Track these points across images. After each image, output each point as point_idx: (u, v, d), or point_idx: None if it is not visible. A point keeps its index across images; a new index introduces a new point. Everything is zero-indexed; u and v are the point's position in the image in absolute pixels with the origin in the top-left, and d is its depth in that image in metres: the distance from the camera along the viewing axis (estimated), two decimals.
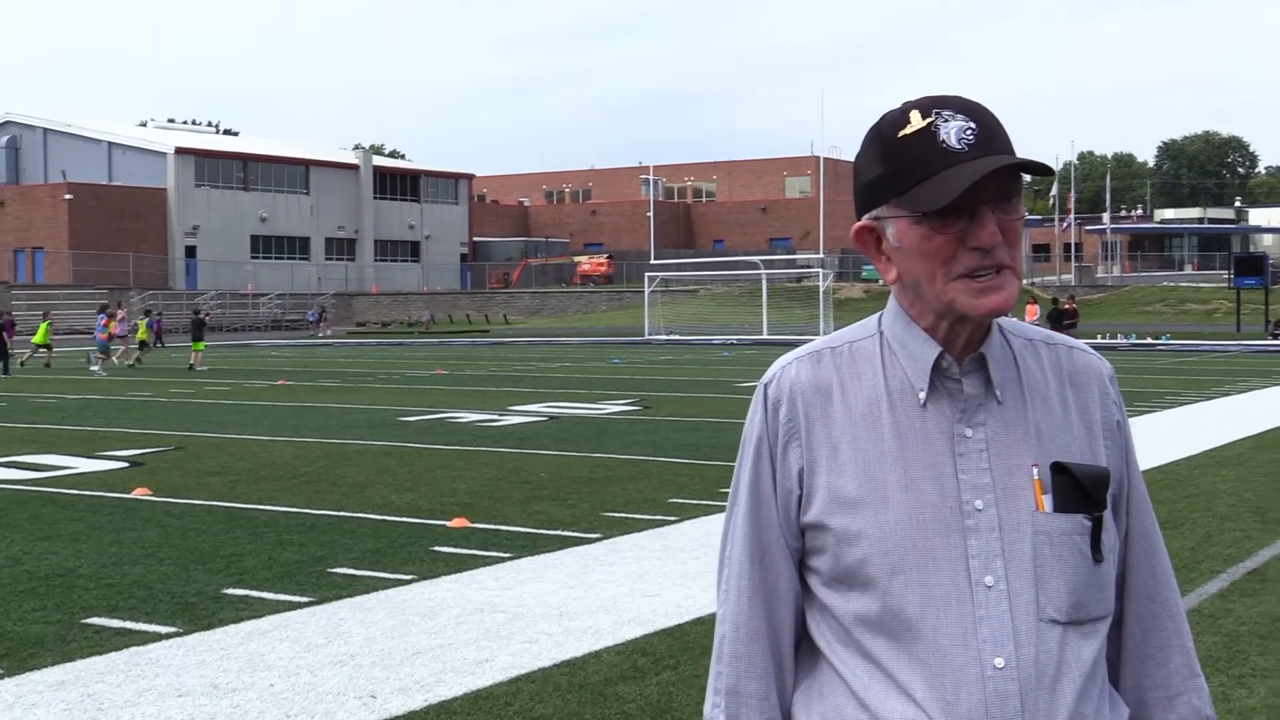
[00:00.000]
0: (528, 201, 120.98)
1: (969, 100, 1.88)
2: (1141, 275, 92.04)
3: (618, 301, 79.92)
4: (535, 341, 54.92)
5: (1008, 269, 1.84)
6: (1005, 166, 1.80)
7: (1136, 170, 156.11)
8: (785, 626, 1.97)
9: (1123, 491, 1.99)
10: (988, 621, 1.82)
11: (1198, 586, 8.42)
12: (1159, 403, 22.00)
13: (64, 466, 14.57)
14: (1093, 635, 1.88)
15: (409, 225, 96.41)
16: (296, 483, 13.13)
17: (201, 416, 21.05)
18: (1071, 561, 1.85)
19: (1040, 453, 1.89)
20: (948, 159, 1.81)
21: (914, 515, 1.85)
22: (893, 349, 1.94)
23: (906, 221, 1.86)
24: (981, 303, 1.83)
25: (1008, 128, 1.89)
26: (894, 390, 1.92)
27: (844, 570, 1.88)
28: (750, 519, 1.97)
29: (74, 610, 7.91)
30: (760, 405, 1.99)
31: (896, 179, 1.86)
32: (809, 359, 1.98)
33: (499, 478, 13.39)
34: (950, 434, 1.88)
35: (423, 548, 9.73)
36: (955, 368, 1.90)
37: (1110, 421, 1.98)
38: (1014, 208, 1.85)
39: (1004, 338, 1.96)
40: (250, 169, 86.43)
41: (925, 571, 1.84)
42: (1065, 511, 1.86)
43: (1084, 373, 1.99)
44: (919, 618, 1.83)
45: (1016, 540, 1.84)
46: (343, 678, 6.52)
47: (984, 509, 1.85)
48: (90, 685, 6.44)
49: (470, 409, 21.77)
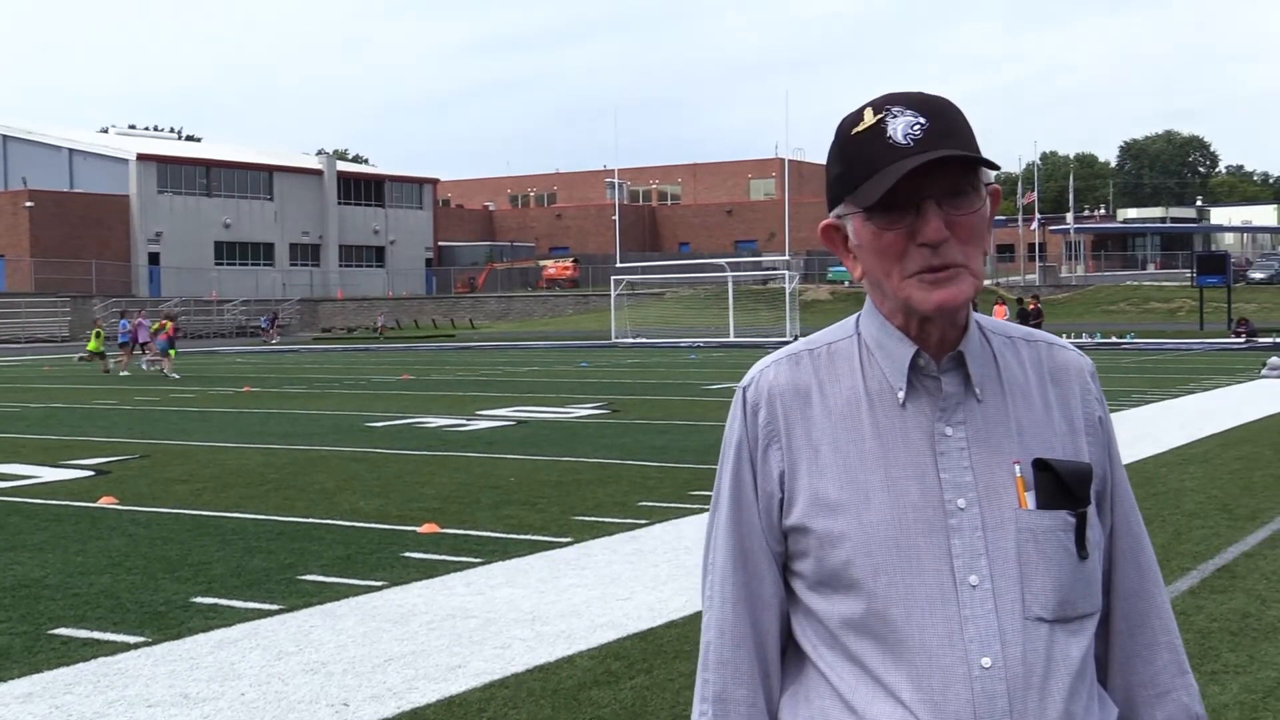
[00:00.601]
0: (493, 206, 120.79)
1: (929, 96, 1.86)
2: (1105, 275, 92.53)
3: (584, 305, 79.89)
4: (502, 346, 54.79)
5: (960, 266, 1.83)
6: (952, 162, 1.80)
7: (1099, 170, 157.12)
8: (771, 631, 1.95)
9: (1106, 488, 1.98)
10: (973, 621, 1.81)
11: (1168, 584, 8.42)
12: (1125, 401, 22.10)
13: (28, 476, 14.44)
14: (1080, 633, 1.87)
15: (374, 230, 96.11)
16: (264, 490, 13.04)
17: (166, 424, 20.90)
18: (1056, 559, 1.84)
19: (1022, 450, 1.88)
20: (891, 154, 1.80)
21: (896, 516, 1.84)
22: (870, 349, 1.93)
23: (860, 218, 1.86)
24: (932, 297, 1.82)
25: (979, 129, 1.88)
26: (873, 390, 1.91)
27: (828, 573, 1.87)
28: (732, 524, 1.96)
29: (40, 621, 7.83)
30: (739, 409, 1.97)
31: (849, 176, 1.86)
32: (787, 361, 1.97)
33: (468, 482, 13.34)
34: (930, 433, 1.87)
35: (393, 554, 9.68)
36: (933, 366, 1.89)
37: (1092, 417, 1.97)
38: (966, 203, 1.83)
39: (983, 335, 1.95)
40: (213, 175, 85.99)
41: (909, 572, 1.82)
42: (1048, 508, 1.85)
43: (1065, 369, 1.98)
44: (904, 619, 1.82)
45: (1000, 538, 1.83)
46: (314, 686, 6.47)
47: (966, 508, 1.84)
48: (58, 697, 6.37)
49: (438, 414, 21.69)
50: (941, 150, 1.79)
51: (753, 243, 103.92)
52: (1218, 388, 25.46)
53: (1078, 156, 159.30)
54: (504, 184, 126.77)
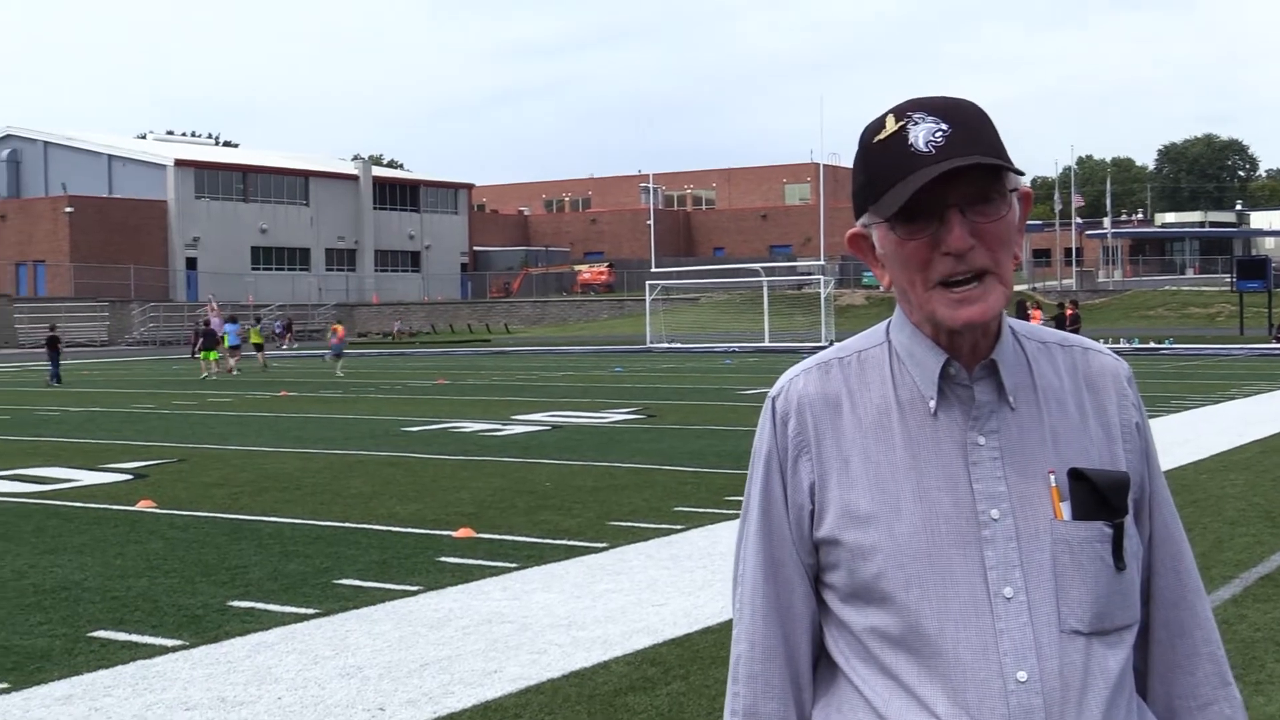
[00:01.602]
0: (527, 210, 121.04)
1: (952, 100, 1.83)
2: (1143, 280, 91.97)
3: (619, 310, 79.92)
4: (537, 350, 54.86)
5: (990, 274, 1.80)
6: (978, 168, 1.77)
7: (1136, 174, 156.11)
8: (802, 644, 1.93)
9: (1144, 496, 1.95)
10: (1008, 634, 1.78)
11: (1210, 592, 8.34)
12: (1164, 407, 21.95)
13: (68, 479, 14.54)
14: (1118, 645, 1.84)
15: (409, 235, 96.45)
16: (301, 494, 13.09)
17: (204, 428, 21.03)
18: (1093, 570, 1.81)
19: (1057, 458, 1.85)
20: (913, 163, 1.77)
21: (928, 527, 1.82)
22: (900, 357, 1.91)
23: (884, 228, 1.84)
24: (960, 314, 1.80)
25: (1005, 134, 1.84)
26: (904, 400, 1.88)
27: (859, 585, 1.85)
28: (762, 535, 1.94)
29: (80, 623, 7.88)
30: (769, 419, 1.95)
31: (872, 185, 1.83)
32: (817, 370, 1.95)
33: (504, 487, 13.35)
34: (963, 442, 1.84)
35: (429, 559, 9.70)
36: (964, 374, 1.86)
37: (1129, 424, 1.93)
38: (992, 209, 1.80)
39: (1017, 341, 1.92)
40: (250, 180, 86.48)
41: (942, 584, 1.80)
42: (1085, 519, 1.82)
43: (1101, 375, 1.94)
44: (938, 632, 1.79)
45: (1035, 550, 1.80)
46: (350, 690, 6.48)
47: (1000, 518, 1.81)
48: (97, 699, 6.41)
49: (473, 419, 21.73)
50: (963, 158, 1.76)
51: (788, 247, 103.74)
52: (1259, 393, 25.24)
53: (1115, 160, 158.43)
54: (539, 189, 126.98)
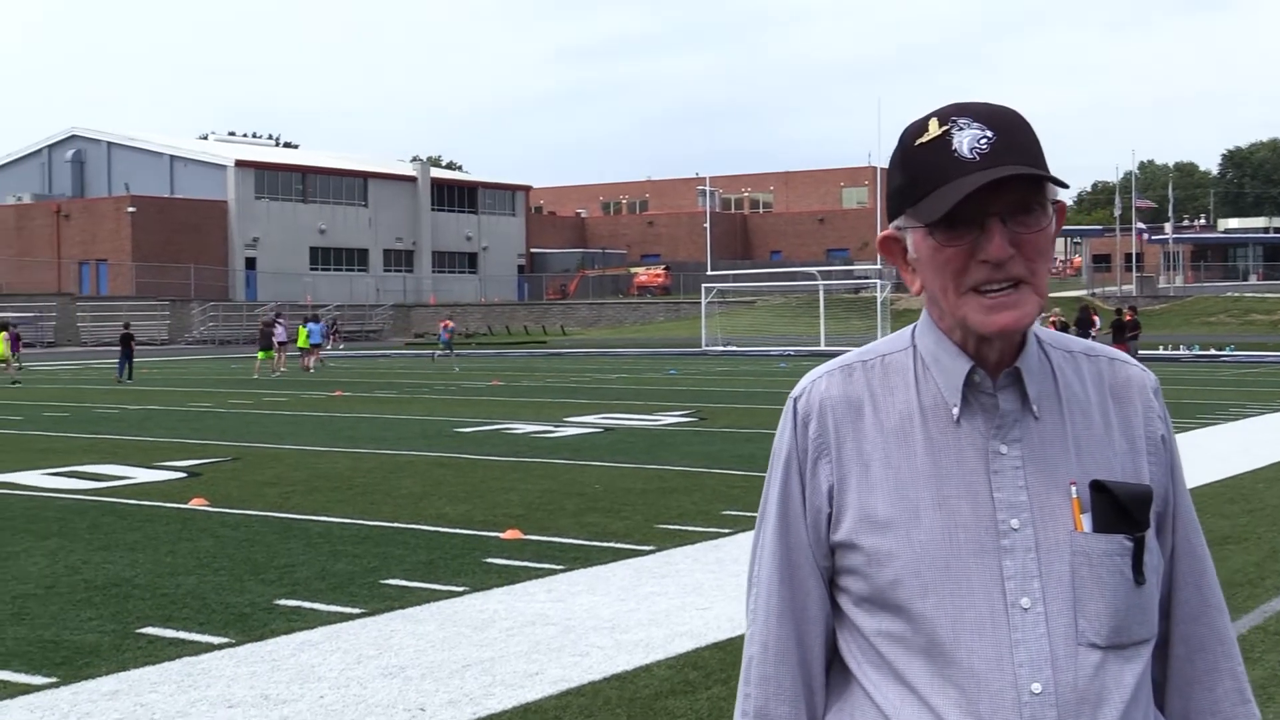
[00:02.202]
0: (585, 213, 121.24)
1: (995, 107, 1.81)
2: (1205, 285, 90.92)
3: (675, 312, 79.88)
4: (592, 352, 54.95)
5: (1025, 284, 1.78)
6: (1019, 178, 1.74)
7: (1199, 179, 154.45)
8: (815, 647, 1.92)
9: (1168, 509, 1.92)
10: (1024, 645, 1.76)
11: (1263, 603, 8.27)
12: (1223, 415, 21.70)
13: (123, 477, 14.70)
14: (1135, 659, 1.82)
15: (466, 237, 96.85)
16: (351, 494, 13.17)
17: (259, 427, 21.20)
18: (1112, 583, 1.79)
19: (1079, 470, 1.82)
20: (957, 169, 1.75)
21: (947, 535, 1.80)
22: (925, 363, 1.89)
23: (921, 233, 1.81)
24: (993, 320, 1.77)
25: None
26: (927, 405, 1.86)
27: (875, 591, 1.83)
28: (779, 537, 1.92)
29: (129, 620, 7.96)
30: (790, 420, 1.94)
31: (912, 188, 1.81)
32: (840, 372, 1.93)
33: (553, 489, 13.37)
34: (985, 451, 1.82)
35: (475, 559, 9.73)
36: (989, 382, 1.84)
37: (1154, 436, 1.90)
38: (1033, 220, 1.78)
39: (1042, 350, 1.90)
40: (309, 181, 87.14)
41: (958, 593, 1.78)
42: (1105, 531, 1.80)
43: (1126, 385, 1.92)
44: (952, 640, 1.78)
45: (1054, 561, 1.78)
46: (392, 690, 6.51)
47: (1020, 528, 1.79)
48: (143, 695, 6.47)
49: (526, 420, 21.79)
50: (1009, 167, 1.74)
51: (845, 251, 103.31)
52: None
53: (1178, 165, 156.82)
54: (596, 191, 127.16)
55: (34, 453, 17.38)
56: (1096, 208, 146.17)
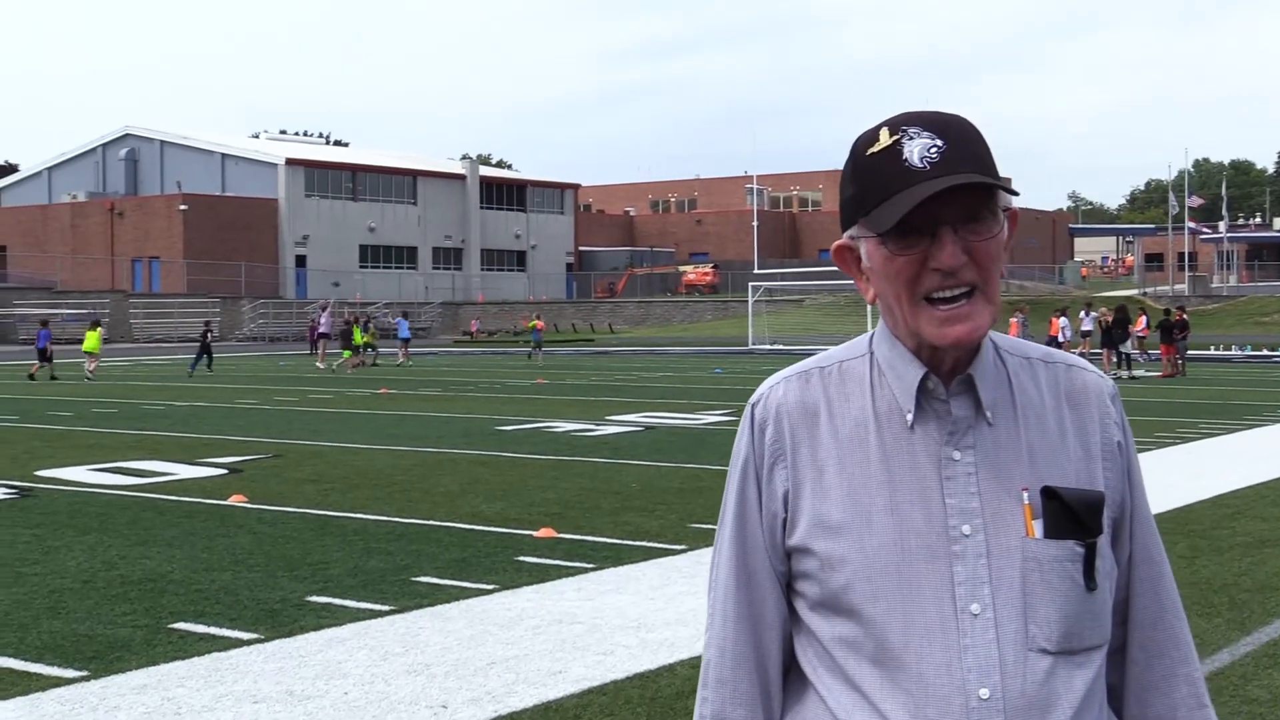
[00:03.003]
0: (633, 211, 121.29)
1: (946, 116, 1.82)
2: (1259, 285, 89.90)
3: (723, 311, 79.82)
4: (638, 351, 55.01)
5: (978, 291, 1.78)
6: (970, 186, 1.75)
7: (1255, 178, 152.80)
8: (772, 652, 1.93)
9: (1124, 515, 1.92)
10: (973, 650, 1.77)
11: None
12: (1270, 416, 21.47)
13: (166, 473, 14.85)
14: (1086, 665, 1.82)
15: (515, 235, 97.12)
16: (389, 491, 13.25)
17: (302, 424, 21.36)
18: (1062, 589, 1.79)
19: (1033, 476, 1.83)
20: (908, 178, 1.76)
21: (899, 540, 1.80)
22: (881, 370, 1.90)
23: (874, 242, 1.82)
24: (947, 332, 1.78)
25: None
26: (881, 412, 1.87)
27: (828, 595, 1.84)
28: (735, 542, 1.94)
29: (162, 615, 8.05)
30: (747, 426, 1.95)
31: (864, 198, 1.82)
32: (797, 379, 1.94)
33: (590, 488, 13.41)
34: (938, 457, 1.83)
35: (507, 558, 9.77)
36: (942, 389, 1.85)
37: (1110, 442, 1.90)
38: (984, 228, 1.78)
39: (999, 356, 1.90)
40: (359, 179, 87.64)
41: (909, 599, 1.79)
42: (1056, 537, 1.80)
43: (1083, 392, 1.92)
44: (902, 646, 1.78)
45: (1005, 567, 1.79)
46: (416, 687, 6.56)
47: (971, 534, 1.80)
48: (171, 689, 6.55)
49: (568, 418, 21.84)
50: (960, 175, 1.74)
51: None
52: None
53: (1232, 163, 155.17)
54: (645, 189, 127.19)
55: (82, 449, 17.60)
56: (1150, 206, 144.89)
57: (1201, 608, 8.11)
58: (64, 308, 70.68)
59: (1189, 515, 11.55)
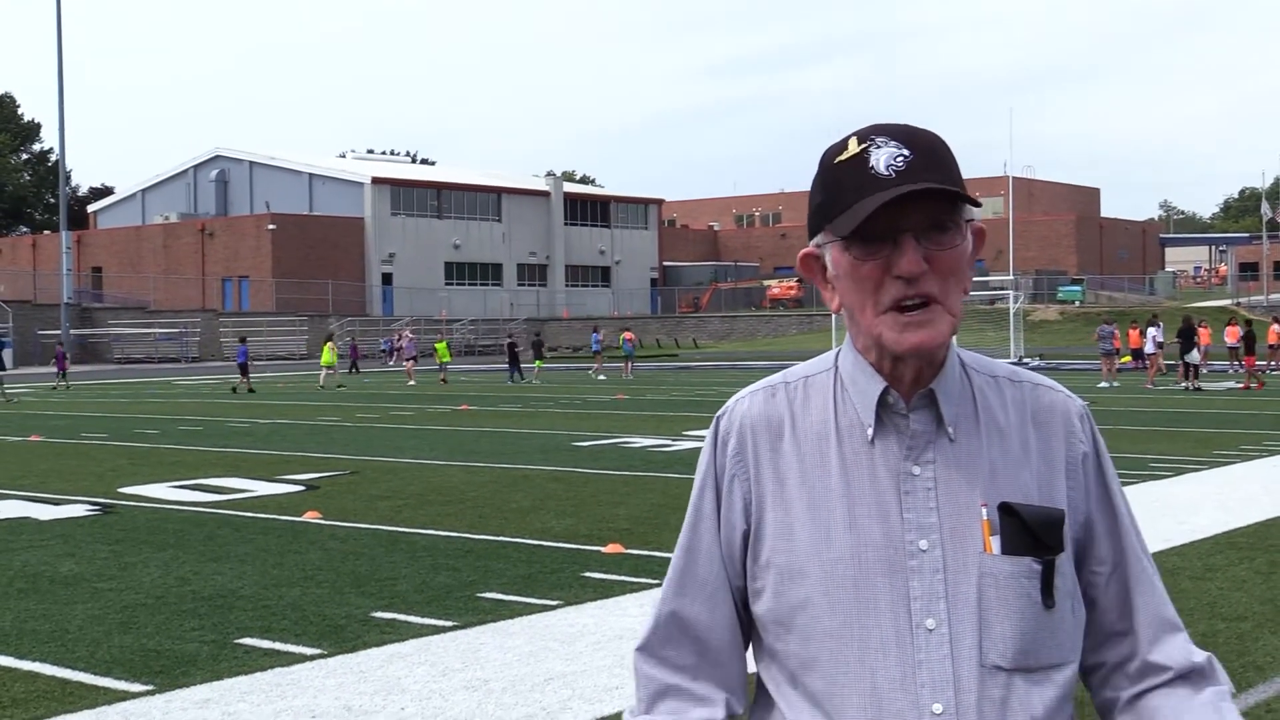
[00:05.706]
0: (717, 226, 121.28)
1: (914, 129, 1.83)
2: None
3: (807, 325, 79.55)
4: (721, 366, 54.95)
5: (938, 302, 1.78)
6: (933, 196, 1.75)
7: None
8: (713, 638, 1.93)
9: (1091, 534, 1.90)
10: (927, 666, 1.76)
11: None
12: None
13: (244, 490, 15.06)
14: (1045, 683, 1.80)
15: (599, 251, 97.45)
16: (462, 507, 13.33)
17: (382, 441, 21.56)
18: (1018, 605, 1.78)
19: (992, 492, 1.82)
20: (873, 185, 1.77)
21: (856, 555, 1.80)
22: (844, 384, 1.90)
23: (838, 248, 1.83)
24: (906, 338, 1.78)
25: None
26: (843, 426, 1.87)
27: (786, 609, 1.84)
28: (688, 551, 1.96)
29: (229, 630, 8.16)
30: (711, 439, 1.97)
31: (829, 204, 1.83)
32: (763, 393, 1.95)
33: (662, 504, 13.40)
34: (897, 471, 1.83)
35: (573, 574, 9.79)
36: (902, 404, 1.85)
37: (1075, 459, 1.89)
38: (947, 238, 1.79)
39: (965, 373, 1.90)
40: (444, 197, 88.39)
41: (864, 613, 1.79)
42: (1014, 554, 1.79)
43: (1049, 410, 1.91)
44: (858, 660, 1.78)
45: (961, 582, 1.78)
46: (472, 703, 6.59)
47: (928, 549, 1.79)
48: (232, 704, 6.63)
49: (644, 434, 21.86)
50: (922, 183, 1.75)
51: (980, 262, 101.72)
52: None
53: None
54: (729, 204, 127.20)
55: (165, 465, 17.90)
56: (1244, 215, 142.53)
57: (1275, 625, 7.96)
58: (156, 326, 71.99)
59: (1268, 531, 11.34)
